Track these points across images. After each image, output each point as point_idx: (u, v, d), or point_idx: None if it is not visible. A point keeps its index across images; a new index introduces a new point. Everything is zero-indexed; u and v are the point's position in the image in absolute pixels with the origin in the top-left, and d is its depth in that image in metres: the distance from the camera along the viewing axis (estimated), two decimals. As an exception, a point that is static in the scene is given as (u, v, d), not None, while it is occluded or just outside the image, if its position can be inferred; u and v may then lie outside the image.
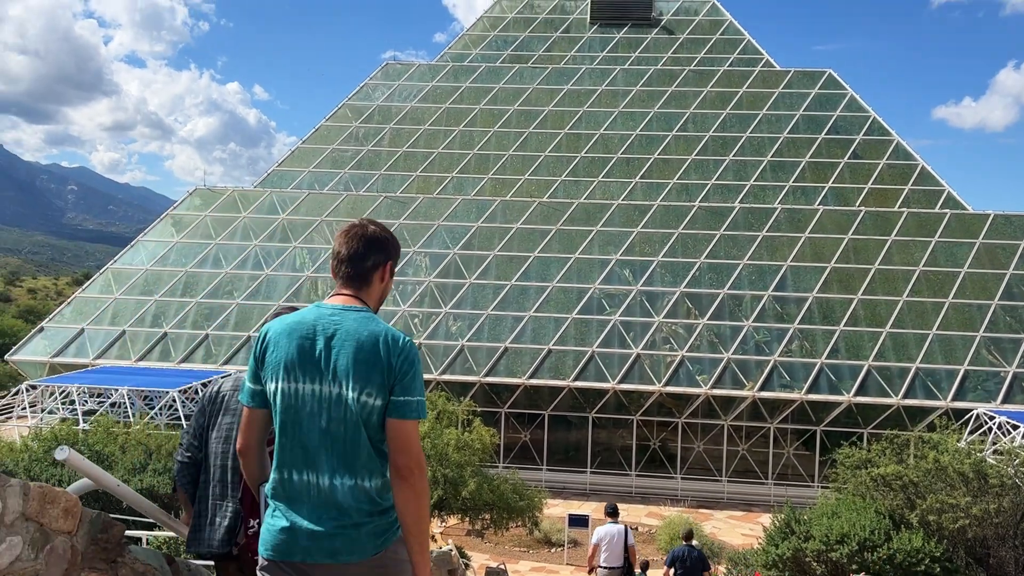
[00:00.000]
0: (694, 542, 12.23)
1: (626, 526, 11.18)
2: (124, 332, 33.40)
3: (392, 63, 48.03)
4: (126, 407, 25.18)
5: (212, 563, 3.32)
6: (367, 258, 2.99)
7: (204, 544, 3.27)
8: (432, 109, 44.21)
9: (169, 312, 34.22)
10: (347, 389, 2.55)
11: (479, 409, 25.76)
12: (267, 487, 2.65)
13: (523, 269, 34.99)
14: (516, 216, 37.38)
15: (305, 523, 2.50)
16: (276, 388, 2.64)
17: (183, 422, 24.13)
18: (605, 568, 10.68)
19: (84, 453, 15.56)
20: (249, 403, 2.75)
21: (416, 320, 33.47)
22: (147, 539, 11.50)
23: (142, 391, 26.42)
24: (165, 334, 33.31)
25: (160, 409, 25.50)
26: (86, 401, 24.81)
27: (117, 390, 25.74)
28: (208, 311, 34.14)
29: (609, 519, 11.52)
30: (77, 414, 23.29)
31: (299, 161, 42.40)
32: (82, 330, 33.43)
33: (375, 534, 2.55)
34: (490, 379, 31.23)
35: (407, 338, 2.80)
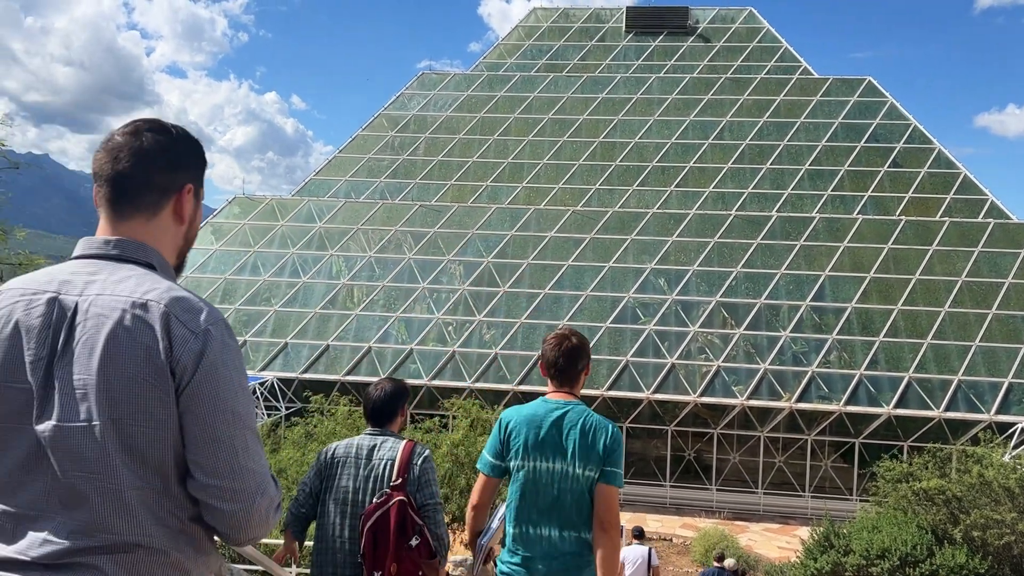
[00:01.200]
0: (727, 562, 12.12)
1: (650, 548, 11.22)
2: None
3: (427, 73, 48.45)
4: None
5: None
6: (577, 364, 3.91)
7: None
8: (467, 118, 44.46)
9: (208, 319, 34.72)
10: (575, 467, 3.36)
11: (513, 417, 25.75)
12: (507, 538, 3.46)
13: (557, 278, 34.97)
14: (550, 225, 37.40)
15: (540, 565, 3.33)
16: (519, 464, 3.44)
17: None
18: None
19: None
20: (489, 473, 3.56)
21: (450, 328, 33.60)
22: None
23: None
24: (204, 340, 33.80)
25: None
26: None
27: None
28: (246, 318, 34.62)
29: (635, 540, 11.44)
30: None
31: (336, 170, 42.90)
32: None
33: (584, 569, 3.37)
34: (523, 387, 31.21)
35: (615, 425, 3.71)
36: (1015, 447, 26.09)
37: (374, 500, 3.59)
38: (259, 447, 1.92)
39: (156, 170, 1.99)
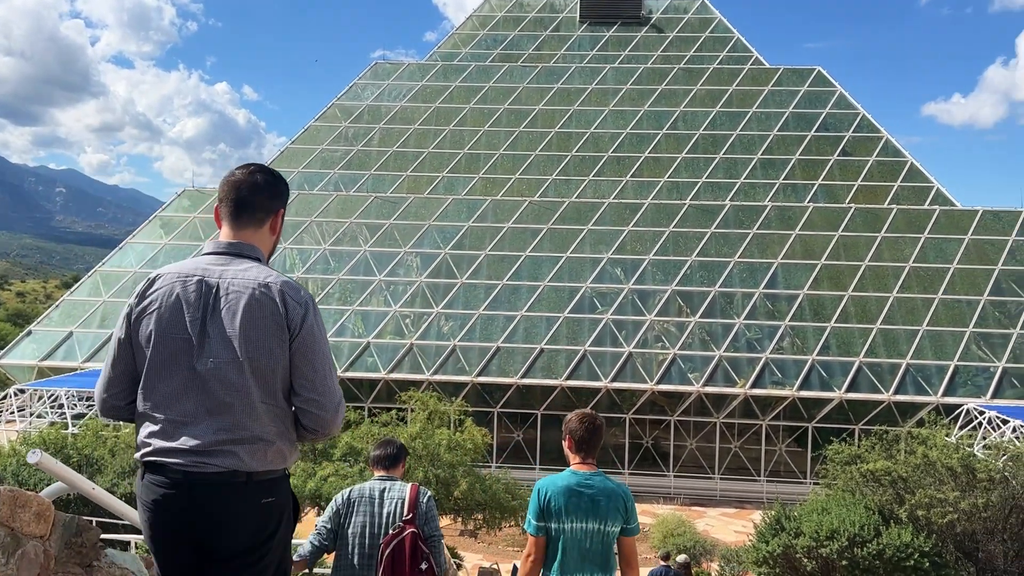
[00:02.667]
0: (680, 558, 12.38)
1: None
2: (112, 335, 33.21)
3: (381, 63, 47.96)
4: (116, 410, 25.06)
5: None
6: (599, 440, 4.54)
7: None
8: (422, 108, 44.16)
9: (159, 314, 34.06)
10: (604, 525, 4.17)
11: (471, 409, 25.72)
12: None
13: (514, 268, 34.98)
14: (507, 215, 37.37)
15: None
16: (558, 526, 4.19)
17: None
18: None
19: (73, 458, 15.46)
20: (535, 534, 4.25)
21: (407, 320, 33.42)
22: (136, 543, 11.43)
23: (132, 394, 26.28)
24: (155, 336, 33.17)
25: (150, 412, 25.36)
26: (75, 405, 24.66)
27: (107, 393, 25.59)
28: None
29: None
30: (66, 418, 23.15)
31: (288, 161, 42.27)
32: (71, 333, 33.26)
33: None
34: (482, 379, 31.20)
35: (628, 488, 4.44)
36: (961, 428, 26.84)
37: (391, 531, 4.39)
38: (335, 376, 2.95)
39: (264, 199, 3.04)
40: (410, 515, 4.38)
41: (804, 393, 30.07)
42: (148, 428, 2.80)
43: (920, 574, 9.15)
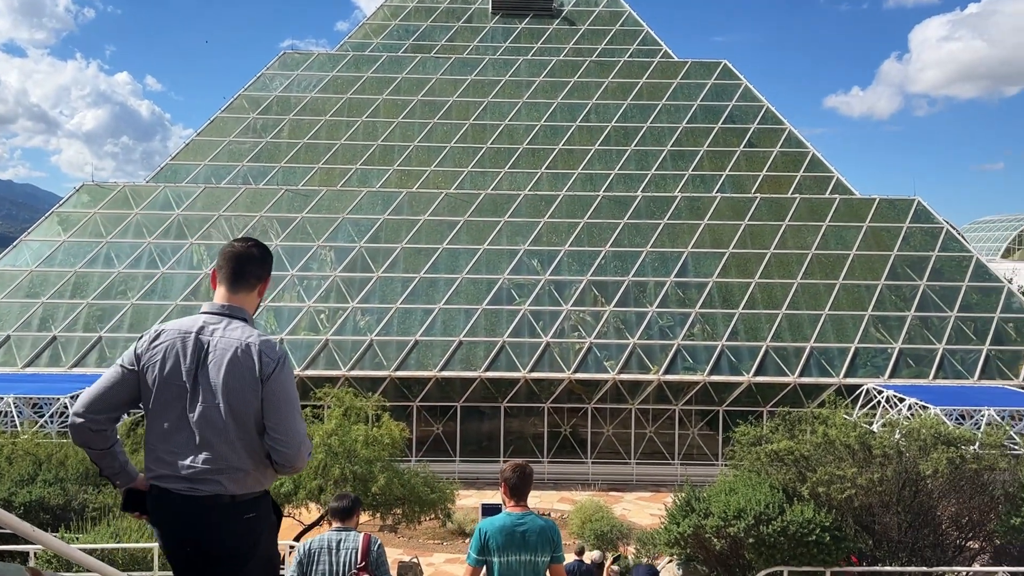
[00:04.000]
0: (593, 554, 12.72)
1: None
2: (8, 337, 31.57)
3: (290, 52, 46.83)
4: (13, 416, 23.83)
5: None
6: (529, 486, 5.42)
7: None
8: (333, 100, 43.38)
9: (58, 315, 32.53)
10: (535, 556, 4.93)
11: (389, 404, 25.51)
12: None
13: (432, 261, 34.82)
14: (423, 208, 37.14)
15: None
16: (497, 560, 4.95)
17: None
18: None
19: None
20: (473, 565, 5.04)
21: (322, 316, 32.88)
22: (35, 553, 10.93)
23: (30, 399, 25.07)
24: (54, 338, 31.67)
25: (51, 417, 24.23)
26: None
27: (2, 398, 24.34)
28: (100, 313, 32.64)
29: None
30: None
31: (194, 154, 40.91)
32: (-39, 337, 31.43)
33: None
34: (400, 373, 30.99)
35: (555, 524, 5.29)
36: (861, 407, 28.17)
37: None
38: (300, 419, 3.58)
39: (257, 268, 3.73)
40: (363, 563, 5.19)
41: (714, 378, 31.00)
42: (152, 456, 3.52)
43: (821, 548, 9.57)
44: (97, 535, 10.83)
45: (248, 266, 3.69)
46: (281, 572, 4.88)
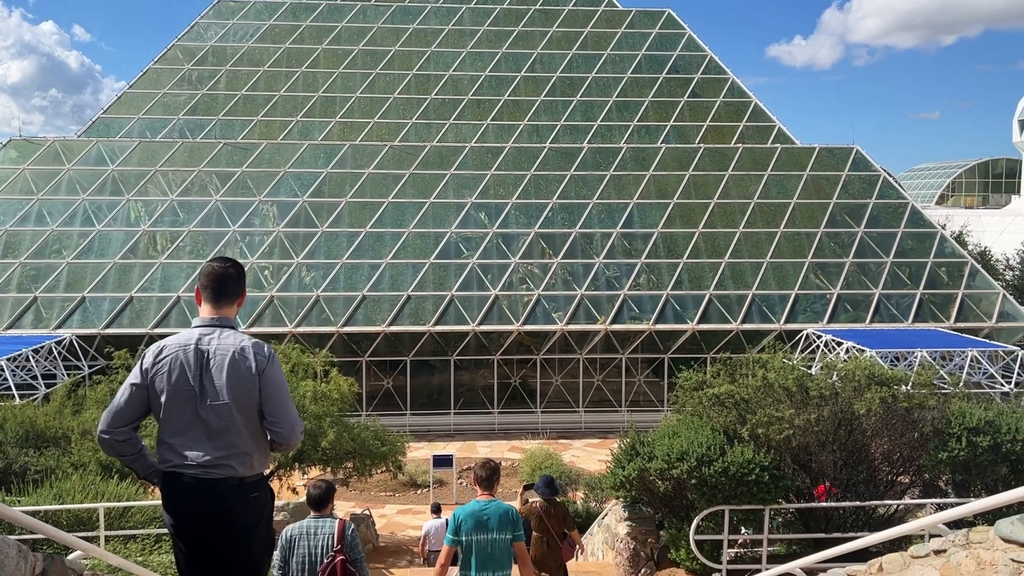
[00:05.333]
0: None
1: (447, 519, 13.14)
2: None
3: (225, 0, 45.17)
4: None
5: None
6: (497, 478, 6.35)
7: None
8: (271, 50, 42.13)
9: (-12, 276, 31.39)
10: (500, 535, 5.87)
11: (337, 360, 25.38)
12: None
13: (377, 215, 34.43)
14: (367, 161, 36.57)
15: None
16: (467, 539, 5.93)
17: (14, 392, 22.53)
18: (434, 552, 13.71)
19: None
20: (450, 544, 6.00)
21: (266, 272, 32.37)
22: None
23: (-38, 363, 24.27)
24: (-14, 300, 30.61)
25: (-15, 381, 23.54)
26: None
27: (-68, 363, 23.55)
28: (35, 272, 31.61)
29: (434, 515, 14.77)
30: None
31: (127, 107, 39.47)
32: None
33: None
34: (348, 329, 30.81)
35: (514, 508, 6.21)
36: (801, 352, 29.00)
37: (325, 560, 5.79)
38: (291, 404, 4.21)
39: (234, 284, 4.37)
40: (339, 546, 5.80)
41: (660, 326, 31.55)
42: (168, 451, 4.10)
43: (761, 487, 9.91)
44: (40, 497, 10.65)
45: (228, 285, 4.36)
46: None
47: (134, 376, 4.13)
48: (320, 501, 6.12)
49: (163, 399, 4.05)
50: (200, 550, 4.12)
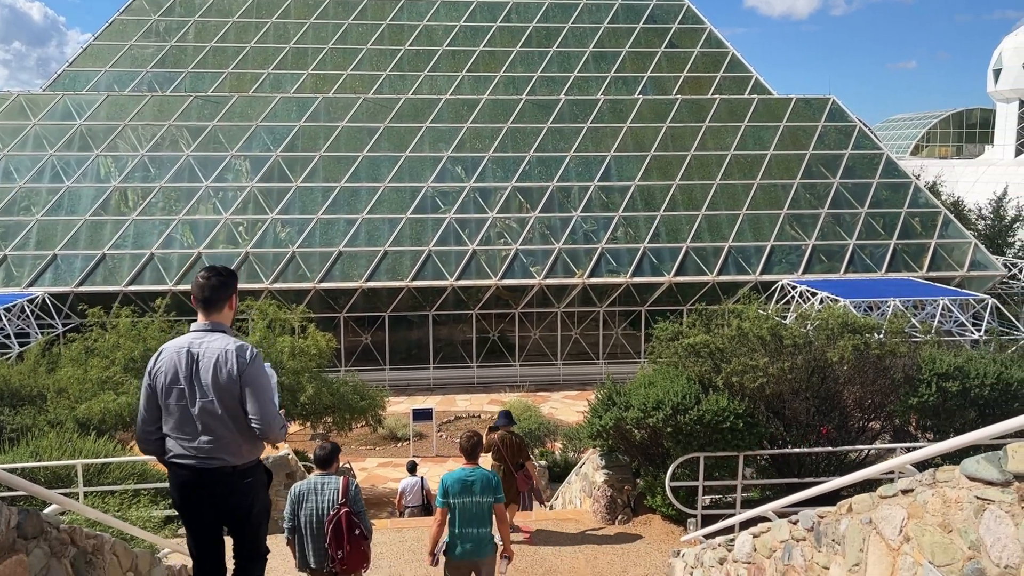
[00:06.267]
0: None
1: (422, 477, 15.30)
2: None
3: (191, -52, 43.74)
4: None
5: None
6: (478, 451, 7.19)
7: (308, 566, 6.48)
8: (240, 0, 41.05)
9: (-45, 234, 30.78)
10: (480, 498, 6.51)
11: (315, 315, 25.31)
12: (448, 537, 6.57)
13: (352, 169, 34.04)
14: (341, 114, 36.02)
15: (469, 544, 6.48)
16: (455, 501, 6.55)
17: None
18: (410, 507, 14.78)
19: None
20: (440, 506, 6.61)
21: (241, 228, 32.01)
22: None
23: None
24: (-47, 259, 30.06)
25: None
26: None
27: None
28: (3, 230, 31.04)
29: (410, 474, 15.38)
30: None
31: (93, 60, 38.43)
32: None
33: (489, 544, 6.63)
34: (325, 284, 30.67)
35: (495, 474, 6.92)
36: (776, 302, 29.30)
37: (331, 512, 6.35)
38: (272, 402, 4.65)
39: (220, 292, 4.72)
40: (343, 499, 6.37)
41: (637, 279, 31.70)
42: (169, 442, 4.63)
43: (735, 434, 10.06)
44: (16, 455, 10.62)
45: (214, 295, 4.73)
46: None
47: (145, 378, 4.70)
48: (326, 461, 6.72)
49: (162, 397, 4.59)
50: (203, 528, 4.77)
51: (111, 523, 4.84)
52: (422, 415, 25.17)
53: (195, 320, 4.91)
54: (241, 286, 23.54)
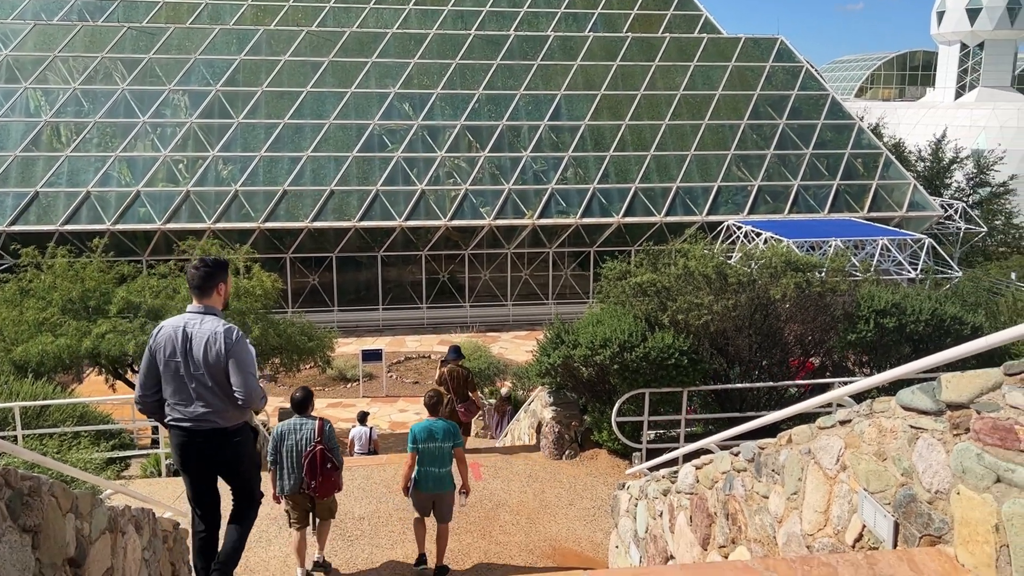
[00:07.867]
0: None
1: (372, 428, 16.38)
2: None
3: None
4: None
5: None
6: (440, 407, 8.07)
7: (285, 489, 7.39)
8: (175, -75, 38.97)
9: None
10: (444, 444, 7.59)
11: (260, 256, 24.82)
12: (416, 474, 7.61)
13: (296, 106, 33.11)
14: (283, 47, 34.84)
15: (431, 482, 7.57)
16: (421, 447, 7.56)
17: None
18: (358, 455, 15.51)
19: None
20: (412, 450, 7.63)
21: (181, 166, 31.03)
22: None
23: None
24: None
25: None
26: None
27: None
28: (-75, 168, 29.56)
29: (359, 424, 16.31)
30: None
31: (17, -14, 36.30)
32: None
33: (449, 482, 7.67)
34: (270, 224, 30.07)
35: (456, 424, 7.97)
36: (722, 242, 29.71)
37: (308, 449, 7.31)
38: (254, 377, 5.38)
39: (208, 280, 5.43)
40: (319, 438, 7.34)
41: (586, 220, 31.77)
42: (168, 408, 5.35)
43: (680, 370, 10.25)
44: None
45: (203, 283, 5.38)
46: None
47: (146, 351, 5.40)
48: (302, 404, 7.59)
49: (161, 368, 5.32)
50: (200, 480, 5.54)
51: (49, 464, 4.75)
52: (372, 356, 25.11)
53: (136, 260, 5.00)
54: (182, 225, 22.97)
